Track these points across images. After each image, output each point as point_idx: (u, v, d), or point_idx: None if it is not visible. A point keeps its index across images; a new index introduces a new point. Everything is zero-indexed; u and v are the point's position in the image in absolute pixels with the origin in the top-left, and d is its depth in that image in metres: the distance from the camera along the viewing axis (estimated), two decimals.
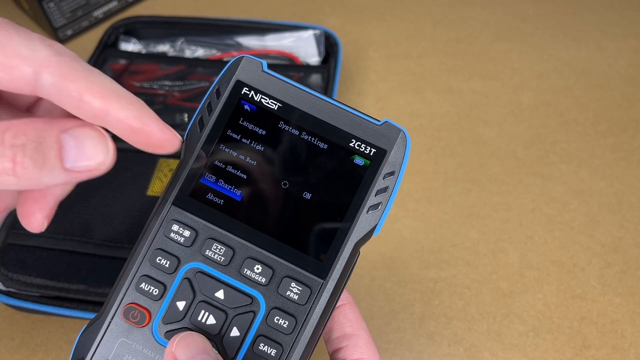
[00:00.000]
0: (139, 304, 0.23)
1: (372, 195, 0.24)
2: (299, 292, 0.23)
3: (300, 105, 0.24)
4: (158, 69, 0.56)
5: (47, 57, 0.20)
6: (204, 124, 0.24)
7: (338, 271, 0.24)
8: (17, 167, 0.19)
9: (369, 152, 0.24)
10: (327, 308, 0.24)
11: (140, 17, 0.59)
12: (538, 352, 0.43)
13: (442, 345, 0.43)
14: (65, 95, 0.21)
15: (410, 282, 0.46)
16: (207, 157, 0.24)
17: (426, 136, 0.56)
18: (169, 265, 0.23)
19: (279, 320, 0.23)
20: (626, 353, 0.43)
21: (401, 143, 0.24)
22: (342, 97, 0.59)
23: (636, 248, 0.48)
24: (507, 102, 0.59)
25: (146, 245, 0.24)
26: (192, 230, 0.24)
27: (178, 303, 0.23)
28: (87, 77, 0.21)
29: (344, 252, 0.24)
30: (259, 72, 0.25)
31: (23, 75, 0.20)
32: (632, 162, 0.54)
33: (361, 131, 0.24)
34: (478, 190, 0.52)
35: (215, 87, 0.25)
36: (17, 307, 0.42)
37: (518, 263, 0.47)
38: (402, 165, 0.24)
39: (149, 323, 0.23)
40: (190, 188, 0.24)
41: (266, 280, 0.23)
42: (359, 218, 0.24)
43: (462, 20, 0.67)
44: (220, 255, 0.24)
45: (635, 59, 0.63)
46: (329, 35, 0.58)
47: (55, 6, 0.60)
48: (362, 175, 0.24)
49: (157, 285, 0.23)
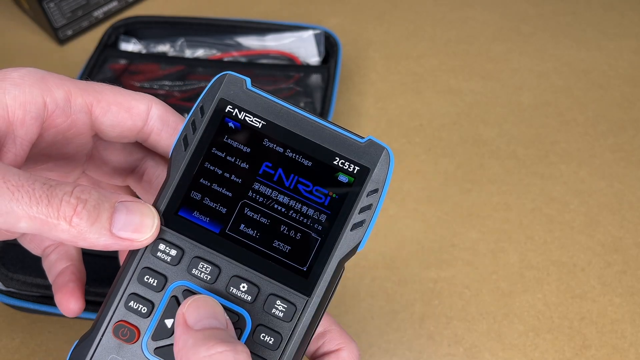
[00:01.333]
0: (128, 321, 0.24)
1: (356, 212, 0.24)
2: (284, 310, 0.24)
3: (284, 123, 0.25)
4: (158, 69, 0.56)
5: (150, 97, 0.26)
6: (188, 142, 0.25)
7: (322, 288, 0.24)
8: (75, 216, 0.21)
9: (353, 170, 0.24)
10: (312, 324, 0.24)
11: (140, 17, 0.59)
12: (538, 352, 0.43)
13: (442, 345, 0.43)
14: (166, 126, 0.26)
15: (410, 282, 0.46)
16: (192, 176, 0.24)
17: (426, 136, 0.56)
18: (156, 283, 0.24)
19: (264, 337, 0.24)
20: (626, 353, 0.43)
21: (384, 161, 0.24)
22: (342, 97, 0.59)
23: (636, 248, 0.48)
24: (507, 102, 0.59)
25: (134, 264, 0.24)
26: (178, 249, 0.24)
27: (166, 321, 0.24)
28: (175, 112, 0.27)
29: (328, 269, 0.24)
30: (243, 89, 0.25)
31: (140, 112, 0.25)
32: (632, 162, 0.54)
33: (345, 149, 0.24)
34: (478, 190, 0.52)
35: (199, 105, 0.25)
36: (17, 307, 0.42)
37: (518, 263, 0.47)
38: (386, 182, 0.24)
39: (138, 340, 0.24)
40: (176, 207, 0.24)
41: (252, 298, 0.24)
42: (343, 235, 0.24)
43: (462, 20, 0.67)
44: (207, 273, 0.24)
45: (635, 59, 0.63)
46: (329, 35, 0.58)
47: (55, 6, 0.60)
48: (346, 193, 0.24)
49: (146, 303, 0.24)
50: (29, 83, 0.23)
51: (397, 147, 0.55)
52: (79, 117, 0.24)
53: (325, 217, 0.24)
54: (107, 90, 0.25)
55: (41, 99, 0.23)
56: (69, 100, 0.24)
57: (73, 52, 0.63)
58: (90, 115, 0.25)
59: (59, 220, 0.21)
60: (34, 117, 0.23)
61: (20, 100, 0.23)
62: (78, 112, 0.24)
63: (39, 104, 0.23)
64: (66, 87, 0.24)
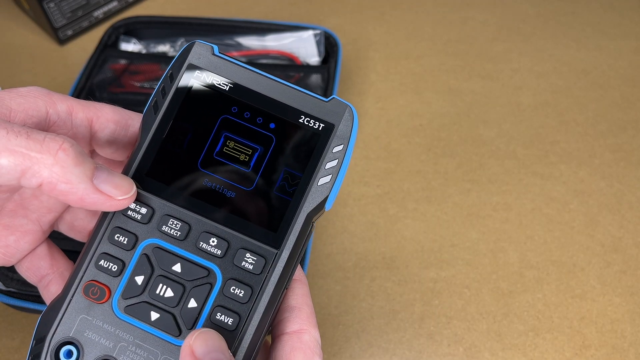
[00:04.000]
0: (99, 280, 0.24)
1: (323, 167, 0.25)
2: (253, 262, 0.24)
3: (250, 85, 0.25)
4: (158, 69, 0.56)
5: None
6: (159, 107, 0.25)
7: (292, 241, 0.24)
8: (61, 150, 0.21)
9: (318, 127, 0.25)
10: (282, 277, 0.24)
11: (140, 17, 0.59)
12: (538, 352, 0.43)
13: (442, 345, 0.43)
14: None
15: (410, 282, 0.46)
16: (161, 138, 0.25)
17: (426, 136, 0.56)
18: (127, 242, 0.24)
19: (235, 290, 0.24)
20: (626, 353, 0.43)
21: (348, 117, 0.25)
22: (342, 97, 0.59)
23: (636, 248, 0.48)
24: (507, 102, 0.59)
25: (105, 224, 0.24)
26: (148, 207, 0.24)
27: (137, 278, 0.24)
28: None
29: (297, 223, 0.25)
30: (210, 55, 0.26)
31: (136, 130, 0.26)
32: (632, 162, 0.54)
33: (310, 107, 0.25)
34: (478, 190, 0.52)
35: (169, 72, 0.26)
36: (17, 307, 0.42)
37: (518, 263, 0.47)
38: (351, 138, 0.25)
39: (108, 299, 0.24)
40: (146, 168, 0.25)
41: (222, 252, 0.24)
42: (310, 190, 0.25)
43: (462, 20, 0.67)
44: (177, 230, 0.24)
45: (635, 59, 0.63)
46: (329, 35, 0.58)
47: (55, 6, 0.60)
48: (312, 148, 0.25)
49: (116, 261, 0.24)
50: (34, 95, 0.24)
51: (397, 147, 0.55)
52: (80, 131, 0.25)
53: (293, 173, 0.25)
54: (106, 108, 0.26)
55: (44, 109, 0.24)
56: (71, 113, 0.25)
57: (73, 52, 0.63)
58: (90, 130, 0.26)
59: (42, 153, 0.20)
60: (35, 123, 0.24)
61: (24, 107, 0.23)
62: (79, 126, 0.25)
63: (42, 112, 0.24)
64: (69, 103, 0.25)
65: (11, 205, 0.26)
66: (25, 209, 0.27)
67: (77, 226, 0.29)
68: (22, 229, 0.27)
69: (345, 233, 0.49)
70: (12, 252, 0.26)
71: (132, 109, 0.58)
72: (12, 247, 0.26)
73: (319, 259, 0.47)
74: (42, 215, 0.27)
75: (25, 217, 0.27)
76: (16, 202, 0.27)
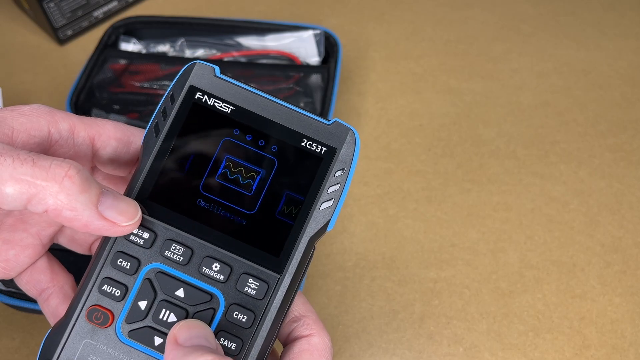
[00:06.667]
0: (102, 305, 0.24)
1: (325, 192, 0.25)
2: (256, 288, 0.24)
3: (252, 107, 0.25)
4: (158, 69, 0.56)
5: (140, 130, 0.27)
6: (160, 129, 0.25)
7: (294, 266, 0.24)
8: (67, 177, 0.21)
9: (320, 151, 0.25)
10: (284, 301, 0.24)
11: (140, 17, 0.59)
12: (538, 352, 0.43)
13: (442, 345, 0.43)
14: None
15: (410, 282, 0.46)
16: (163, 161, 0.25)
17: (426, 136, 0.56)
18: (129, 266, 0.24)
19: (238, 315, 0.24)
20: (626, 353, 0.43)
21: (350, 141, 0.25)
22: (342, 97, 0.59)
23: (636, 248, 0.48)
24: (507, 102, 0.59)
25: (107, 248, 0.24)
26: (151, 232, 0.24)
27: (140, 303, 0.24)
28: None
29: (299, 247, 0.25)
30: (212, 77, 0.25)
31: (138, 146, 0.26)
32: (631, 162, 0.54)
33: (312, 131, 0.25)
34: (478, 190, 0.52)
35: (170, 93, 0.25)
36: (17, 307, 0.42)
37: (518, 263, 0.47)
38: (353, 162, 0.25)
39: (112, 324, 0.24)
40: (148, 191, 0.25)
41: (224, 277, 0.24)
42: (313, 214, 0.25)
43: (462, 20, 0.67)
44: (179, 255, 0.24)
45: (635, 59, 0.63)
46: (329, 35, 0.58)
47: (55, 6, 0.60)
48: (315, 173, 0.25)
49: (119, 286, 0.24)
50: (36, 114, 0.24)
51: (397, 147, 0.55)
52: (82, 149, 0.25)
53: (295, 197, 0.25)
54: (108, 125, 0.26)
55: (46, 128, 0.24)
56: (73, 132, 0.25)
57: (73, 52, 0.63)
58: (91, 148, 0.26)
59: (48, 181, 0.20)
60: (37, 143, 0.24)
61: (27, 127, 0.23)
62: (80, 144, 0.25)
63: (44, 132, 0.24)
64: (71, 121, 0.25)
65: (11, 220, 0.26)
66: (25, 223, 0.27)
67: (77, 239, 0.29)
68: (22, 243, 0.27)
69: (345, 233, 0.49)
70: (12, 265, 0.26)
71: (132, 108, 0.58)
72: (12, 261, 0.26)
73: (319, 259, 0.47)
74: (42, 229, 0.27)
75: (25, 231, 0.27)
76: (16, 217, 0.27)
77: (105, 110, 0.53)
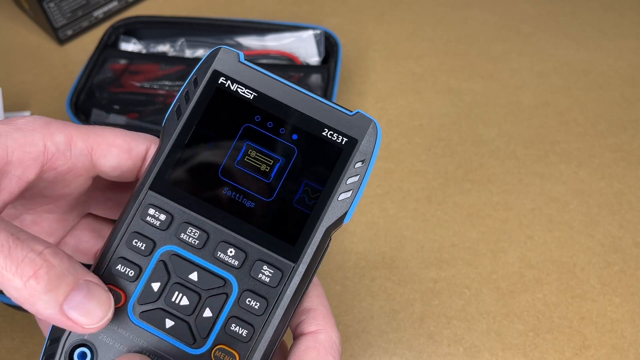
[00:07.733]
0: (115, 284, 0.24)
1: (344, 182, 0.25)
2: (270, 275, 0.24)
3: (275, 95, 0.25)
4: (158, 69, 0.56)
5: (150, 137, 0.26)
6: (182, 112, 0.25)
7: (309, 255, 0.24)
8: (33, 278, 0.20)
9: (341, 141, 0.25)
10: (298, 291, 0.24)
11: (140, 17, 0.60)
12: (538, 352, 0.43)
13: (442, 345, 0.43)
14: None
15: (410, 282, 0.46)
16: (183, 144, 0.25)
17: (426, 136, 0.56)
18: (144, 247, 0.24)
19: (250, 302, 0.24)
20: (626, 353, 0.43)
21: (372, 133, 0.25)
22: (342, 97, 0.59)
23: (636, 248, 0.48)
24: (507, 102, 0.59)
25: (123, 228, 0.24)
26: (167, 214, 0.24)
27: (153, 284, 0.24)
28: None
29: (315, 237, 0.24)
30: (236, 62, 0.25)
31: (139, 152, 0.25)
32: (631, 162, 0.54)
33: (334, 121, 0.25)
34: (478, 190, 0.52)
35: (193, 77, 0.25)
36: (17, 307, 0.42)
37: (518, 263, 0.47)
38: (373, 154, 0.25)
39: (124, 304, 0.24)
40: (167, 174, 0.25)
41: (239, 263, 0.24)
42: (330, 204, 0.24)
43: (462, 20, 0.67)
44: (195, 238, 0.24)
45: (635, 59, 0.63)
46: (329, 35, 0.58)
47: (55, 6, 0.60)
48: (334, 163, 0.25)
49: (133, 267, 0.24)
50: (31, 128, 0.24)
51: (397, 147, 0.55)
52: (79, 160, 0.25)
53: (313, 186, 0.25)
54: (107, 133, 0.26)
55: (42, 142, 0.24)
56: (70, 144, 0.25)
57: (73, 52, 0.63)
58: (90, 158, 0.25)
59: (15, 276, 0.20)
60: (32, 159, 0.24)
61: (20, 142, 0.23)
62: (78, 155, 0.25)
63: (39, 147, 0.24)
64: (67, 132, 0.24)
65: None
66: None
67: (82, 249, 0.29)
68: None
69: (345, 233, 0.49)
70: None
71: (132, 108, 0.58)
72: None
73: None
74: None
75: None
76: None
77: (105, 110, 0.53)
